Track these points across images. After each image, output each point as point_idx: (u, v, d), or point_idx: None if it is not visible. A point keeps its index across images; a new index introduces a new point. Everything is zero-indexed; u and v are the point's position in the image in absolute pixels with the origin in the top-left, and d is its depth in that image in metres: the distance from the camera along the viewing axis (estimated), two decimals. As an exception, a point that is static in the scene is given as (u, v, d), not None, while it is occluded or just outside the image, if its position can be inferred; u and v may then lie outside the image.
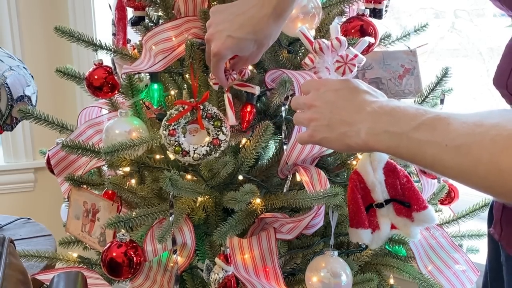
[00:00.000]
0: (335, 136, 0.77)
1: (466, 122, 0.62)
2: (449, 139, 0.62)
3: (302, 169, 1.15)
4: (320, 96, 0.80)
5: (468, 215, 1.40)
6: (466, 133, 0.61)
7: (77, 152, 1.28)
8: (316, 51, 0.87)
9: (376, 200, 1.16)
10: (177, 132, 1.11)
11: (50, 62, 2.28)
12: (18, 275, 0.83)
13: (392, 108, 0.71)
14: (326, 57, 0.87)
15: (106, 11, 1.47)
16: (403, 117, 0.68)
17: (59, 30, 1.31)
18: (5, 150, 2.42)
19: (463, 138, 0.61)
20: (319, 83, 0.83)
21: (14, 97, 1.48)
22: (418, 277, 1.29)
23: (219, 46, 0.96)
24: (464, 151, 0.61)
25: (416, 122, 0.66)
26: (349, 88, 0.78)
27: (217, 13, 0.98)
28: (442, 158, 0.63)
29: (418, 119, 0.66)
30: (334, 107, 0.77)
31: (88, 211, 1.37)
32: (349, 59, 0.86)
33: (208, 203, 1.22)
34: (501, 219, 0.84)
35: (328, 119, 0.77)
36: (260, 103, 1.25)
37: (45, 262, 1.46)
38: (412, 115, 0.67)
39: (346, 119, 0.75)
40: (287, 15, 0.96)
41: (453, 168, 0.63)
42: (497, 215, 0.85)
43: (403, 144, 0.67)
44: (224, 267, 1.11)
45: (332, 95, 0.78)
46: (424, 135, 0.65)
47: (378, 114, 0.71)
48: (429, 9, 1.93)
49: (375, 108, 0.72)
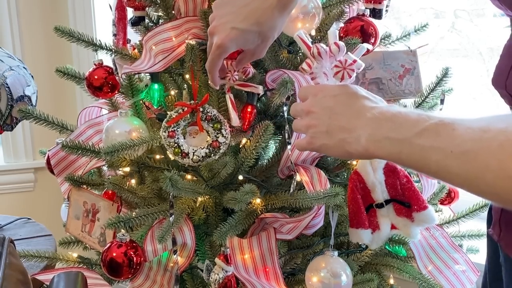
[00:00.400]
0: (334, 142, 0.75)
1: (471, 127, 0.60)
2: (454, 145, 0.60)
3: (302, 169, 1.15)
4: (318, 102, 0.78)
5: (468, 215, 1.40)
6: (472, 139, 0.59)
7: (77, 152, 1.28)
8: (315, 56, 0.86)
9: (376, 200, 1.16)
10: (177, 134, 1.11)
11: (50, 62, 2.27)
12: (18, 275, 0.83)
13: (393, 114, 0.69)
14: (324, 62, 0.85)
15: (106, 11, 1.47)
16: (405, 123, 0.66)
17: (59, 30, 1.31)
18: (5, 150, 2.42)
19: (469, 144, 0.59)
20: (316, 89, 0.81)
21: (14, 97, 1.48)
22: (418, 277, 1.29)
23: (223, 38, 0.94)
24: (471, 158, 0.59)
25: (418, 128, 0.64)
26: (348, 94, 0.76)
27: (220, 7, 0.97)
28: (447, 165, 0.61)
29: (421, 125, 0.64)
30: (332, 113, 0.75)
31: (88, 211, 1.37)
32: (348, 64, 0.85)
33: (208, 203, 1.22)
34: (500, 220, 0.84)
35: (326, 125, 0.75)
36: (260, 103, 1.25)
37: (45, 262, 1.46)
38: (414, 120, 0.66)
39: (345, 125, 0.73)
40: (292, 7, 0.94)
41: (459, 175, 0.61)
42: (496, 216, 0.85)
43: (405, 150, 0.66)
44: (224, 267, 1.11)
45: (330, 100, 0.76)
46: (427, 141, 0.63)
47: (379, 120, 0.69)
48: (429, 9, 1.93)
49: (375, 114, 0.71)
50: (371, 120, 0.70)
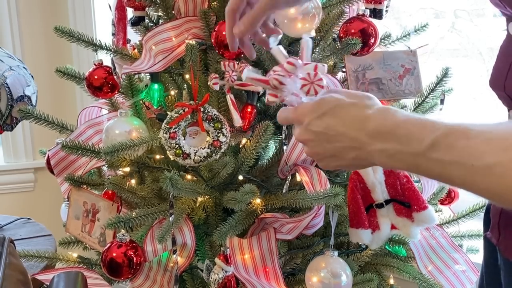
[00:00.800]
0: (348, 163, 0.69)
1: (486, 136, 0.56)
2: (475, 159, 0.56)
3: (302, 169, 1.15)
4: (307, 131, 0.70)
5: (468, 215, 1.40)
6: (495, 150, 0.55)
7: (77, 152, 1.28)
8: (276, 87, 0.76)
9: (376, 200, 1.16)
10: (178, 135, 1.11)
11: (50, 62, 2.27)
12: (18, 275, 0.83)
13: (394, 125, 0.63)
14: (288, 86, 0.76)
15: (106, 11, 1.46)
16: (410, 136, 0.61)
17: (59, 30, 1.31)
18: (5, 150, 2.42)
19: (492, 156, 0.55)
20: (298, 116, 0.72)
21: (14, 97, 1.48)
22: (418, 277, 1.29)
23: None
24: (498, 172, 0.54)
25: (427, 141, 0.59)
26: (331, 109, 0.68)
27: None
28: (473, 180, 0.57)
29: (429, 137, 0.59)
30: (328, 136, 0.68)
31: (88, 211, 1.37)
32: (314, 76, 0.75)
33: (208, 203, 1.22)
34: (499, 223, 0.83)
35: (330, 150, 0.69)
36: (260, 103, 1.25)
37: (45, 262, 1.46)
38: (418, 132, 0.61)
39: (349, 144, 0.67)
40: None
41: (489, 190, 0.56)
42: (494, 219, 0.84)
43: (423, 165, 0.61)
44: (224, 267, 1.11)
45: (318, 124, 0.69)
46: (443, 155, 0.58)
47: (381, 134, 0.64)
48: (429, 9, 1.92)
49: (376, 126, 0.64)
50: (374, 134, 0.64)
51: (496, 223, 0.83)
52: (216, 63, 1.16)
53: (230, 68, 1.10)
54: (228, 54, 1.12)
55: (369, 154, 0.66)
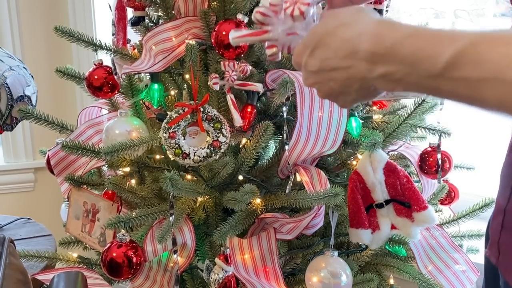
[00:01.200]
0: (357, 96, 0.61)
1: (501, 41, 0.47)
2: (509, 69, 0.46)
3: (302, 169, 1.15)
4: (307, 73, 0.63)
5: (468, 215, 1.40)
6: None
7: (77, 152, 1.28)
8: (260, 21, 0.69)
9: (376, 200, 1.16)
10: (177, 135, 1.11)
11: (50, 62, 2.27)
12: (18, 275, 0.83)
13: (394, 42, 0.54)
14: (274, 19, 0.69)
15: (106, 11, 1.47)
16: (419, 53, 0.52)
17: (59, 30, 1.31)
18: (5, 150, 2.42)
19: None
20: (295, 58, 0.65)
21: (14, 97, 1.48)
22: (418, 277, 1.29)
23: None
24: None
25: (445, 57, 0.50)
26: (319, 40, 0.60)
27: None
28: None
29: (446, 51, 0.50)
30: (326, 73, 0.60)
31: (88, 211, 1.37)
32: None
33: (208, 203, 1.22)
34: (498, 242, 0.76)
35: (336, 87, 0.61)
36: (260, 103, 1.25)
37: (45, 262, 1.46)
38: (430, 48, 0.51)
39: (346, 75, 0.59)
40: None
41: None
42: (493, 237, 0.77)
43: (445, 87, 0.51)
44: (224, 267, 1.11)
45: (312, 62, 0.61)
46: (467, 72, 0.49)
47: (379, 55, 0.55)
48: (429, 9, 1.92)
49: (370, 47, 0.55)
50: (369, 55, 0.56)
51: (496, 242, 0.76)
52: (216, 63, 1.16)
53: (230, 68, 1.10)
54: (228, 54, 1.12)
55: (372, 81, 0.57)
